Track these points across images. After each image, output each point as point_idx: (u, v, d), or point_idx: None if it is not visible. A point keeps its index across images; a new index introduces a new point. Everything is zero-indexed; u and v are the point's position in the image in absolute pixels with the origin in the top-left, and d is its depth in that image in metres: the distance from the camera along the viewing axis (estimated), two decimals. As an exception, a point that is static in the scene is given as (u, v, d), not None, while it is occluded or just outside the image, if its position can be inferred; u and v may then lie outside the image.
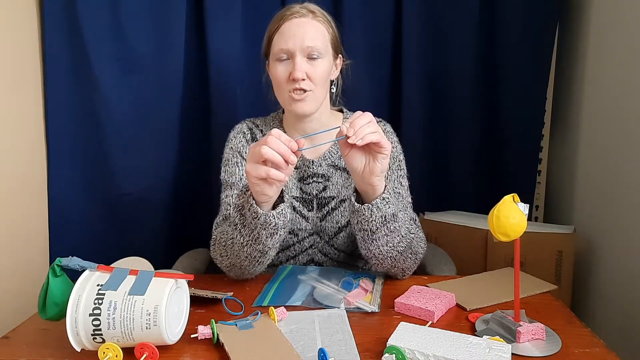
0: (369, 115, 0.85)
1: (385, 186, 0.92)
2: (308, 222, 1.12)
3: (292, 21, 1.04)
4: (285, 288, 0.99)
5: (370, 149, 0.85)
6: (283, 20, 1.05)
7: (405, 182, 1.14)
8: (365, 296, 0.93)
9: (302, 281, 1.01)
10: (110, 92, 1.48)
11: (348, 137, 0.81)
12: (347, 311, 0.88)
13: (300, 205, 1.12)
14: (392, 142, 1.15)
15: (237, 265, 0.99)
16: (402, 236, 0.97)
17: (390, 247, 0.96)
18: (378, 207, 0.90)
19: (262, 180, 0.83)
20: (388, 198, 0.91)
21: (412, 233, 1.02)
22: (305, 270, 1.07)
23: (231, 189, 1.10)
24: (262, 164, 0.82)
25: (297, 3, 1.09)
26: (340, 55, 1.14)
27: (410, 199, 1.13)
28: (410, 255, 1.01)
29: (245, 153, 1.13)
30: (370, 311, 0.88)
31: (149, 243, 1.55)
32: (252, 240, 0.92)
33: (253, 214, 0.88)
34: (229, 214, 1.06)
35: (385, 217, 0.92)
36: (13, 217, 1.36)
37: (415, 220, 1.08)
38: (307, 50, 1.02)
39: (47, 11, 1.43)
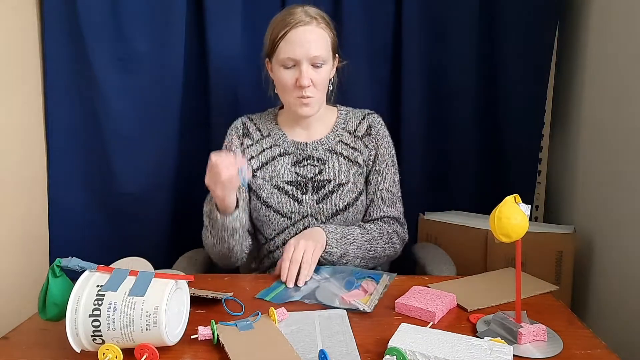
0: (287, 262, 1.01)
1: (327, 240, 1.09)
2: (301, 204, 1.16)
3: (297, 29, 1.08)
4: (292, 288, 0.99)
5: None
6: (290, 28, 1.08)
7: (397, 178, 1.23)
8: (363, 297, 0.93)
9: (309, 280, 1.02)
10: (110, 92, 1.47)
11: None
12: (342, 309, 0.88)
13: (294, 188, 1.16)
14: (382, 136, 1.23)
15: (219, 260, 1.17)
16: (369, 256, 1.15)
17: (363, 264, 1.14)
18: (330, 253, 1.09)
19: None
20: (330, 251, 1.09)
21: (383, 246, 1.17)
22: (318, 270, 1.06)
23: None
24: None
25: (298, 5, 1.11)
26: (337, 55, 1.18)
27: (400, 194, 1.24)
28: (387, 255, 1.18)
29: (236, 148, 1.22)
30: (362, 310, 0.87)
31: (149, 243, 1.54)
32: (219, 241, 1.09)
33: (214, 219, 1.06)
34: None
35: (341, 255, 1.10)
36: (13, 217, 1.36)
37: (390, 230, 1.19)
38: (312, 59, 1.09)
39: (47, 11, 1.43)
